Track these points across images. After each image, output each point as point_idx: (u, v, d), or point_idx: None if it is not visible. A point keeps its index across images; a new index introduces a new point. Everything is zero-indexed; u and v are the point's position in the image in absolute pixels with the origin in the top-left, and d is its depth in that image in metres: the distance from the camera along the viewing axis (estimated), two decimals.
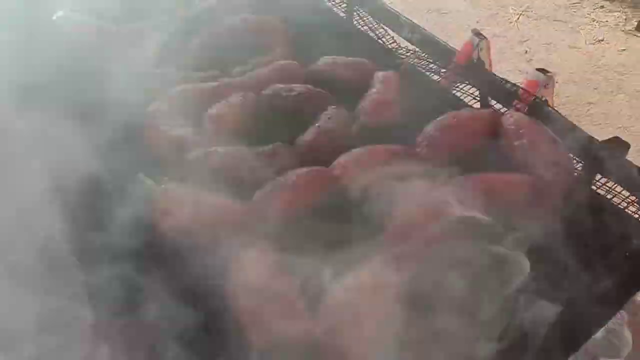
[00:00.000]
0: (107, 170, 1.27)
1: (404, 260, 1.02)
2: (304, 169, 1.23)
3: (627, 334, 1.73)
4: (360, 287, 0.98)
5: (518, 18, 5.38)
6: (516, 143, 1.29)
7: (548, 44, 5.06)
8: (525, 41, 5.07)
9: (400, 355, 0.90)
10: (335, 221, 1.17)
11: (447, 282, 0.97)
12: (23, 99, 1.37)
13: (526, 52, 4.95)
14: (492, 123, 1.38)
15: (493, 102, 1.73)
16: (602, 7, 5.49)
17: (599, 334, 1.42)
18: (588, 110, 4.35)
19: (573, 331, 1.09)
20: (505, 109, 1.59)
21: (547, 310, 1.04)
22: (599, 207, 1.31)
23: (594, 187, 1.39)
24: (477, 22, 5.32)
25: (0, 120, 1.37)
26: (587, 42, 5.06)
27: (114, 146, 1.30)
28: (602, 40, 5.08)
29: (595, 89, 4.56)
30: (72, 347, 0.97)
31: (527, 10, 5.49)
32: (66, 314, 1.04)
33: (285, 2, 1.88)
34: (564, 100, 4.43)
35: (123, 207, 1.12)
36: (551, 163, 1.24)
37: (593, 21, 5.33)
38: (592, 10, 5.44)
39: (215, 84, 1.49)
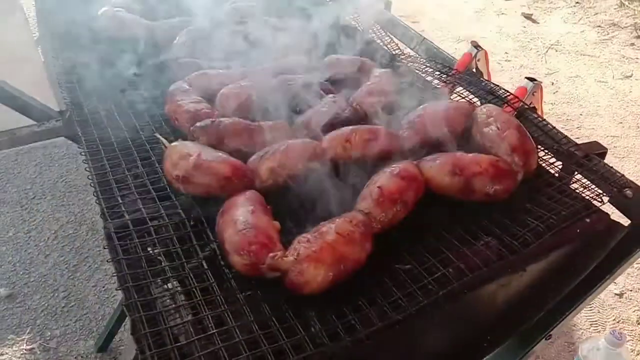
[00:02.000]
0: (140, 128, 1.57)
1: None
2: (297, 140, 1.42)
3: None
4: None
5: (547, 51, 5.49)
6: (485, 129, 1.45)
7: (575, 77, 5.14)
8: (552, 73, 5.18)
9: None
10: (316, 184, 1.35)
11: None
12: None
13: (552, 83, 5.05)
14: (468, 113, 1.54)
15: None
16: (632, 44, 5.56)
17: None
18: (612, 142, 4.39)
19: None
20: None
21: None
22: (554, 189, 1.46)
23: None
24: (506, 52, 5.47)
25: None
26: (615, 77, 5.13)
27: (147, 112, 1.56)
28: (631, 77, 5.14)
29: (621, 123, 4.61)
30: None
31: (557, 44, 5.61)
32: None
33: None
34: (589, 132, 4.50)
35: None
36: (513, 147, 1.39)
37: (622, 58, 5.40)
38: (622, 47, 5.51)
39: (230, 71, 1.72)
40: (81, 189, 3.75)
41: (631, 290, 3.14)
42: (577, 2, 6.27)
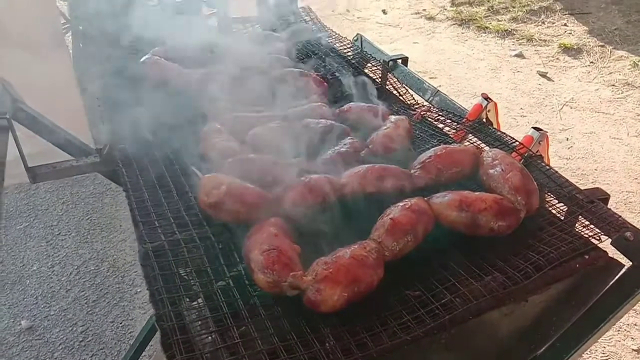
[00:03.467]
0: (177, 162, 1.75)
1: None
2: (318, 175, 1.57)
3: None
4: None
5: (562, 108, 5.65)
6: (490, 171, 1.59)
7: (590, 134, 5.26)
8: (567, 129, 5.31)
9: None
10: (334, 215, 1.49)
11: None
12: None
13: (567, 139, 5.17)
14: (475, 156, 1.68)
15: None
16: None
17: None
18: (627, 198, 4.45)
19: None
20: None
21: None
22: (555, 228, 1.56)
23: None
24: (521, 108, 5.64)
25: None
26: (630, 135, 5.23)
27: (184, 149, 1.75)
28: None
29: (636, 179, 4.67)
30: None
31: (572, 101, 5.77)
32: None
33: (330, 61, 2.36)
34: (603, 187, 4.53)
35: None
36: (516, 187, 1.51)
37: (637, 115, 5.51)
38: (636, 106, 5.64)
39: (259, 114, 1.90)
40: (104, 227, 3.93)
41: None
42: (592, 62, 6.47)
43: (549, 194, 1.72)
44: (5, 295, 3.33)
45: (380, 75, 2.55)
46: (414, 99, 2.30)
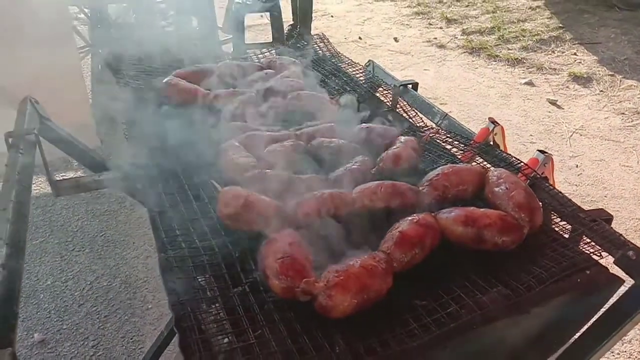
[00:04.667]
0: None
1: None
2: (330, 190, 1.65)
3: None
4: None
5: (571, 135, 5.71)
6: (495, 189, 1.66)
7: (599, 161, 5.30)
8: (576, 157, 5.35)
9: None
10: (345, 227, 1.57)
11: None
12: None
13: (577, 166, 5.21)
14: (481, 175, 1.76)
15: None
16: None
17: None
18: (638, 225, 4.46)
19: None
20: None
21: None
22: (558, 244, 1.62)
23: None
24: (531, 135, 5.71)
25: None
26: None
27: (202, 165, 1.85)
28: None
29: None
30: None
31: (581, 129, 5.83)
32: None
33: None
34: (613, 213, 4.56)
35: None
36: (519, 204, 1.58)
37: None
38: None
39: (275, 133, 2.00)
40: (118, 244, 4.02)
41: None
42: (602, 91, 6.54)
43: (553, 212, 1.79)
44: (19, 308, 3.39)
45: (390, 99, 2.65)
46: (423, 121, 2.39)
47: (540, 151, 2.12)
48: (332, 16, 9.52)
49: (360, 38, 8.53)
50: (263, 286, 1.40)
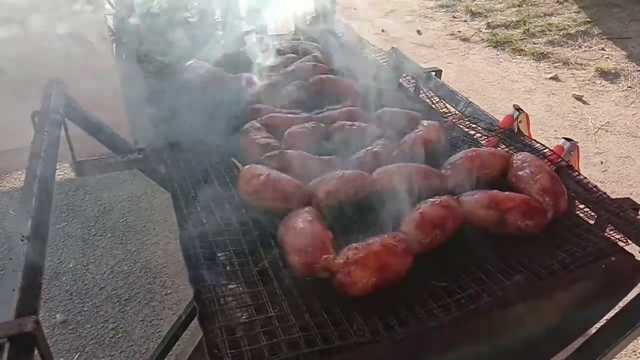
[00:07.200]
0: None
1: None
2: (351, 170, 1.65)
3: None
4: None
5: (597, 131, 5.59)
6: (519, 173, 1.63)
7: (625, 158, 5.18)
8: (601, 153, 5.24)
9: None
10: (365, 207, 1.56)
11: None
12: None
13: (602, 162, 5.11)
14: (504, 158, 1.73)
15: None
16: None
17: None
18: None
19: None
20: None
21: None
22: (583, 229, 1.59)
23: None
24: (555, 130, 5.61)
25: None
26: None
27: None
28: None
29: None
30: None
31: (607, 125, 5.70)
32: None
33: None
34: None
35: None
36: (544, 188, 1.55)
37: None
38: None
39: (297, 115, 1.99)
40: (139, 230, 4.07)
41: None
42: (630, 87, 6.39)
43: (578, 199, 1.75)
44: (42, 289, 3.46)
45: (414, 85, 2.63)
46: (446, 107, 2.36)
47: (566, 139, 2.08)
48: (354, 9, 9.47)
49: (382, 30, 8.48)
50: (283, 262, 1.40)
